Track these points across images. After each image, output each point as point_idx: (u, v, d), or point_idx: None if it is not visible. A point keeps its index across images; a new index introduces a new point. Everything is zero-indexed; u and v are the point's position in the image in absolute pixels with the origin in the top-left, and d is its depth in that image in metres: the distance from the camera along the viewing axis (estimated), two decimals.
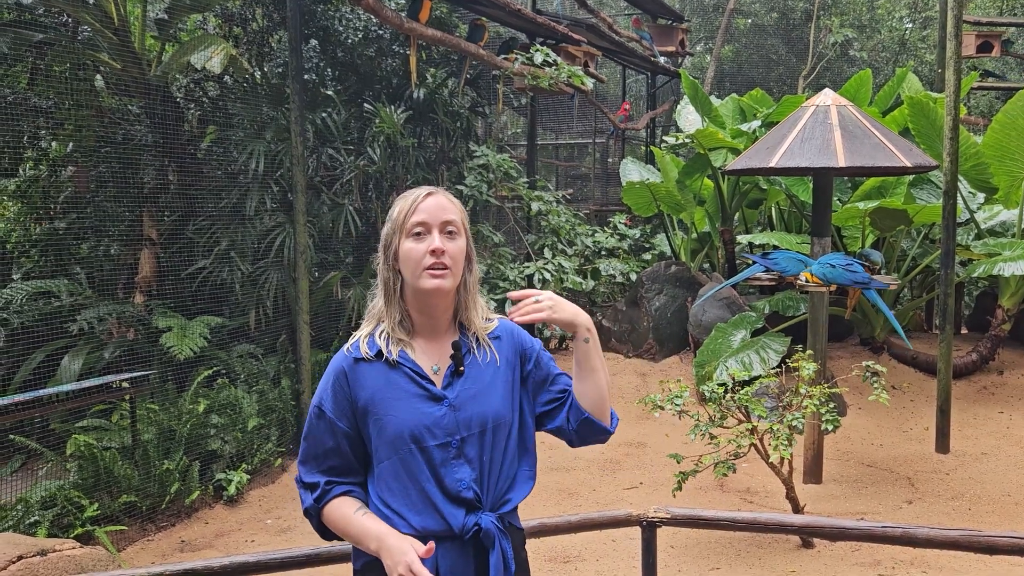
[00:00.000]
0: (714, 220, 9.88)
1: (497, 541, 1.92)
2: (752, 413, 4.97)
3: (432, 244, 1.91)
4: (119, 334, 6.60)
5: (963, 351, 8.12)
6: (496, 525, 1.93)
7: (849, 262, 5.76)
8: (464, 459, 1.93)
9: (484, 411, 1.96)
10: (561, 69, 8.62)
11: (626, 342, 9.13)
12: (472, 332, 2.02)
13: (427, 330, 2.00)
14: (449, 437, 1.92)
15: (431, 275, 1.91)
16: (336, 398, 1.95)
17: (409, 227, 1.93)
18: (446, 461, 1.92)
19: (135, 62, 6.85)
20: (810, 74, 17.77)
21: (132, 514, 5.62)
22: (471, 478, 1.93)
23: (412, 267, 1.92)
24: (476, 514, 1.93)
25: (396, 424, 1.90)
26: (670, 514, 3.04)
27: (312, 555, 2.80)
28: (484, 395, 1.97)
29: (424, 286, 1.92)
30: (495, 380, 2.00)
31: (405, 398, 1.92)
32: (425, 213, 1.93)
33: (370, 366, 1.95)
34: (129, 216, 7.04)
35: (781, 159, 5.63)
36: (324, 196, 7.88)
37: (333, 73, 8.77)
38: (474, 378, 1.98)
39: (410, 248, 1.92)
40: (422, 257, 1.91)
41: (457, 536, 1.91)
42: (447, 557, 1.90)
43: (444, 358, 1.99)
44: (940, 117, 7.34)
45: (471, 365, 1.99)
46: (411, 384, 1.93)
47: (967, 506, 5.79)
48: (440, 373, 1.97)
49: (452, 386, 1.96)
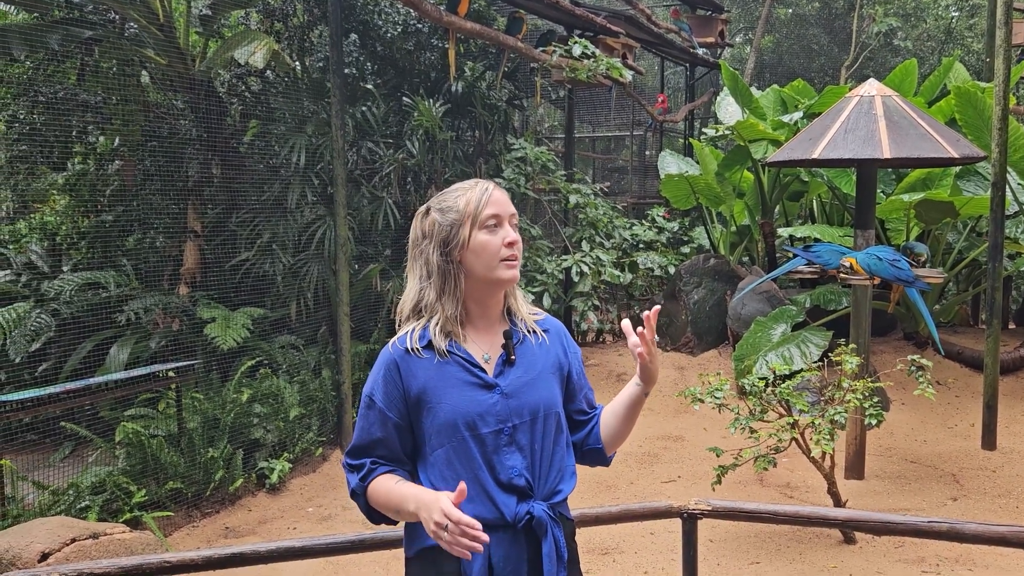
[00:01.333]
0: (754, 213, 9.78)
1: (549, 530, 1.93)
2: (793, 407, 4.93)
3: (508, 236, 1.96)
4: (164, 324, 6.74)
5: (1010, 346, 7.95)
6: (548, 513, 1.95)
7: (896, 257, 5.66)
8: (516, 446, 1.95)
9: (535, 399, 1.98)
10: (599, 61, 8.58)
11: (664, 336, 9.09)
12: (520, 320, 2.05)
13: (480, 320, 2.02)
14: (501, 424, 1.94)
15: (508, 266, 1.96)
16: (387, 389, 1.96)
17: (484, 219, 1.95)
18: (498, 448, 1.93)
19: (180, 58, 6.98)
20: (853, 64, 17.46)
21: (178, 500, 5.75)
22: (523, 466, 1.95)
23: (488, 259, 1.95)
24: (528, 503, 1.94)
25: (449, 411, 1.92)
26: (711, 506, 3.03)
27: (356, 541, 2.84)
28: (535, 383, 2.00)
29: (502, 277, 1.96)
30: (545, 369, 2.03)
31: (457, 386, 1.93)
32: (497, 206, 1.97)
33: (421, 357, 1.96)
34: (174, 209, 7.18)
35: (824, 150, 5.56)
36: (364, 189, 7.95)
37: (372, 67, 8.84)
38: (526, 366, 2.00)
39: (487, 240, 1.95)
40: (499, 249, 1.95)
41: (510, 525, 1.92)
42: (500, 546, 1.91)
43: (495, 347, 2.01)
44: (989, 107, 7.18)
45: (522, 354, 2.01)
46: (463, 372, 1.95)
47: (1014, 504, 5.68)
48: (491, 361, 1.99)
49: (504, 374, 1.98)
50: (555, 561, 1.93)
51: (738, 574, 4.76)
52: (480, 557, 1.85)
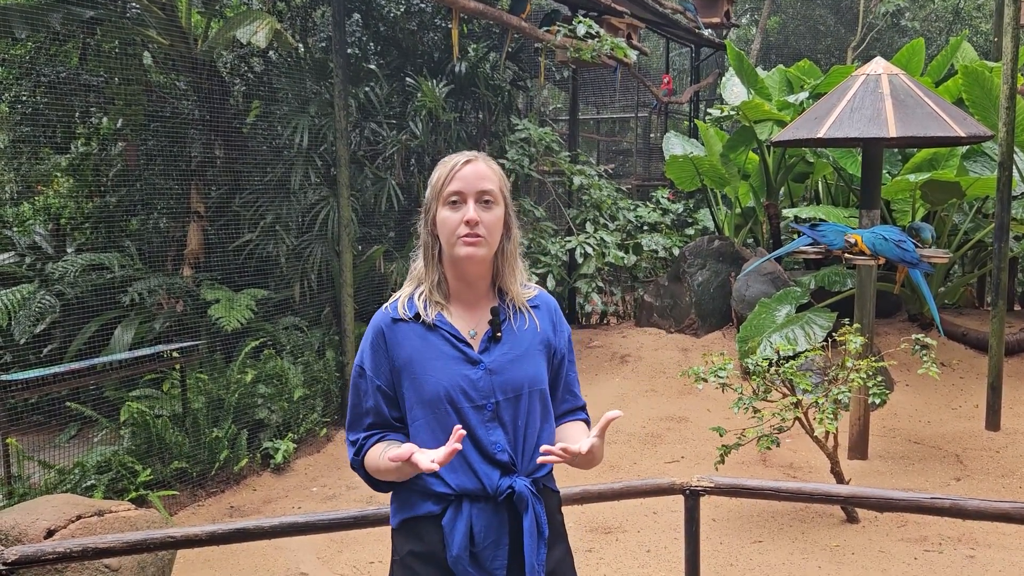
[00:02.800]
0: (759, 194, 9.74)
1: (530, 504, 1.94)
2: (797, 387, 4.92)
3: (467, 214, 1.93)
4: (168, 306, 6.76)
5: (1015, 328, 7.93)
6: (529, 488, 1.96)
7: (902, 238, 5.63)
8: (499, 422, 1.96)
9: (520, 377, 1.98)
10: (604, 41, 8.52)
11: (668, 317, 9.08)
12: (510, 299, 2.05)
13: (464, 295, 2.03)
14: (485, 400, 1.95)
15: (465, 243, 1.93)
16: (375, 357, 1.99)
17: (445, 195, 1.95)
18: (481, 423, 1.94)
19: (182, 38, 6.95)
20: (859, 45, 17.33)
21: (183, 480, 5.78)
22: (505, 441, 1.96)
23: (447, 235, 1.95)
24: (511, 477, 1.95)
25: (433, 384, 1.94)
26: (713, 483, 3.03)
27: (359, 517, 2.85)
28: (520, 361, 2.00)
29: (458, 254, 1.95)
30: (532, 347, 2.03)
31: (442, 359, 1.95)
32: (461, 182, 1.94)
33: (408, 326, 1.98)
34: (177, 190, 7.17)
35: (830, 129, 5.52)
36: (367, 170, 7.93)
37: (375, 47, 8.79)
38: (511, 344, 2.00)
39: (446, 217, 1.95)
40: (457, 226, 1.93)
41: (491, 497, 1.94)
42: (481, 517, 1.93)
43: (482, 323, 2.01)
44: (996, 87, 7.12)
45: (508, 331, 2.01)
46: (448, 347, 1.97)
47: (1018, 484, 5.69)
48: (477, 337, 2.00)
49: (489, 351, 1.99)
50: (535, 536, 1.94)
51: (740, 552, 4.77)
52: (462, 526, 1.89)
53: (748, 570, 4.55)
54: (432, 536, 1.93)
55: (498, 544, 1.93)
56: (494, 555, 1.92)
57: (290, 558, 4.87)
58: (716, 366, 4.91)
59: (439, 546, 1.92)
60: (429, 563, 1.93)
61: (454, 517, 1.91)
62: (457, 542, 1.90)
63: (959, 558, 4.61)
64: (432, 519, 1.94)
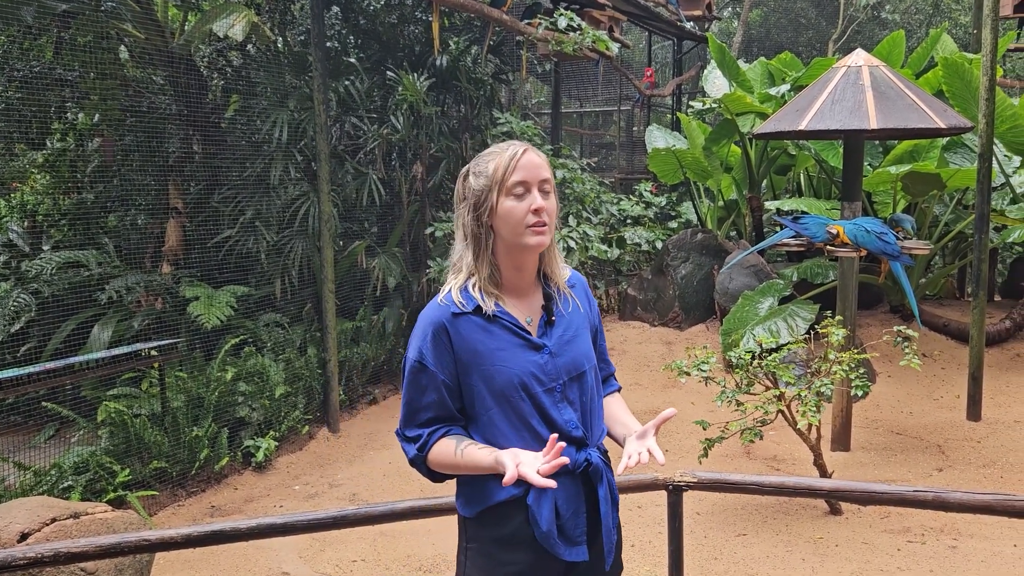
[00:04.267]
0: (741, 187, 9.74)
1: (604, 474, 2.06)
2: (780, 380, 4.92)
3: (534, 203, 1.96)
4: (147, 303, 6.67)
5: (996, 318, 7.98)
6: (602, 460, 2.07)
7: (884, 231, 5.63)
8: (567, 401, 2.03)
9: (578, 356, 2.07)
10: (586, 34, 8.48)
11: (652, 311, 9.07)
12: (554, 283, 2.11)
13: (516, 283, 2.06)
14: (553, 383, 2.01)
15: (535, 232, 1.97)
16: (437, 351, 1.98)
17: (510, 185, 1.97)
18: (553, 405, 2.01)
19: (158, 32, 6.84)
20: (840, 38, 17.40)
21: (163, 480, 5.71)
22: (576, 418, 2.04)
23: (514, 225, 1.97)
24: (585, 451, 2.05)
25: (505, 374, 1.97)
26: (696, 478, 3.01)
27: (339, 517, 2.81)
28: (575, 341, 2.08)
29: (529, 243, 1.98)
30: (580, 327, 2.12)
31: (509, 349, 1.99)
32: (525, 171, 1.97)
33: (469, 319, 1.99)
34: (155, 186, 7.08)
35: (811, 121, 5.52)
36: (348, 165, 7.86)
37: (355, 41, 8.71)
38: (565, 326, 2.08)
39: (512, 207, 1.97)
40: (524, 216, 1.96)
41: (571, 472, 2.01)
42: (563, 491, 2.00)
43: (535, 309, 2.07)
44: (975, 78, 7.15)
45: (559, 315, 2.09)
46: (512, 336, 2.00)
47: (999, 474, 5.72)
48: (533, 323, 2.05)
49: (548, 335, 2.05)
50: (609, 502, 2.07)
51: (724, 546, 4.77)
52: (548, 502, 1.96)
53: (732, 564, 4.55)
54: (516, 518, 1.99)
55: (578, 513, 2.02)
56: (575, 524, 2.01)
57: (272, 557, 4.82)
58: (699, 360, 4.90)
59: (524, 526, 1.98)
60: (512, 545, 1.99)
61: (539, 496, 1.96)
62: (545, 518, 1.96)
63: (942, 549, 4.62)
64: (516, 502, 1.98)
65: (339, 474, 6.27)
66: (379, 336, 7.91)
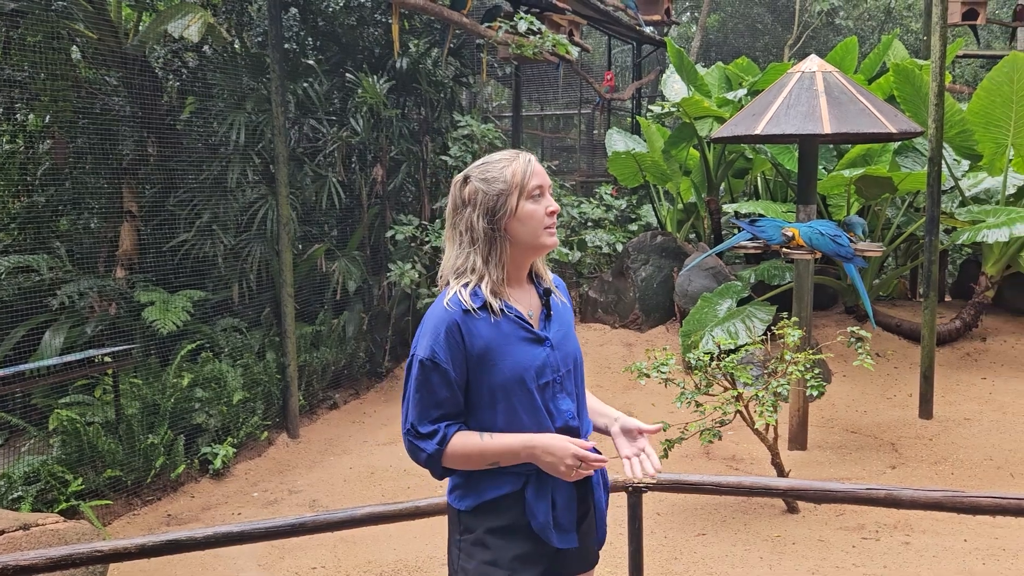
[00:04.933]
0: (700, 190, 9.85)
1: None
2: (738, 380, 4.99)
3: (551, 205, 2.10)
4: (101, 309, 6.53)
5: (947, 318, 8.17)
6: (594, 448, 2.11)
7: (838, 233, 5.74)
8: (565, 392, 2.13)
9: (573, 348, 2.19)
10: (546, 38, 8.51)
11: (612, 313, 9.13)
12: (544, 282, 2.22)
13: (516, 282, 2.17)
14: (555, 374, 2.11)
15: (551, 233, 2.10)
16: (450, 349, 2.03)
17: (530, 189, 2.08)
18: (554, 396, 2.11)
19: (112, 32, 6.72)
20: (796, 43, 17.69)
21: (117, 488, 5.60)
22: (573, 409, 2.15)
23: (534, 226, 2.08)
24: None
25: (513, 366, 2.04)
26: (656, 479, 3.03)
27: (297, 524, 2.78)
28: (569, 335, 2.21)
29: (547, 243, 2.10)
30: (570, 322, 2.25)
31: (517, 343, 2.07)
32: (540, 176, 2.10)
33: (479, 318, 2.05)
34: (108, 189, 6.94)
35: (767, 126, 5.60)
36: (307, 168, 7.79)
37: (314, 43, 8.64)
38: (559, 321, 2.19)
39: (533, 209, 2.07)
40: (543, 217, 2.08)
41: None
42: (560, 482, 2.09)
43: (533, 305, 2.17)
44: (926, 84, 7.32)
45: (555, 309, 2.20)
46: (519, 329, 2.09)
47: (950, 470, 5.85)
48: (534, 318, 2.15)
49: (547, 328, 2.15)
50: (602, 488, 2.20)
51: (684, 546, 4.82)
52: (546, 496, 2.06)
53: (692, 563, 4.59)
54: (514, 510, 2.07)
55: (571, 501, 2.11)
56: (569, 512, 2.11)
57: (230, 566, 4.76)
58: (658, 361, 4.95)
59: (521, 517, 2.06)
60: (508, 536, 2.06)
61: (537, 488, 2.06)
62: (542, 510, 2.05)
63: (895, 544, 4.72)
64: (513, 495, 2.07)
65: (299, 480, 6.21)
66: (339, 340, 7.84)
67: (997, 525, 4.86)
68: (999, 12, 16.93)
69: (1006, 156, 7.82)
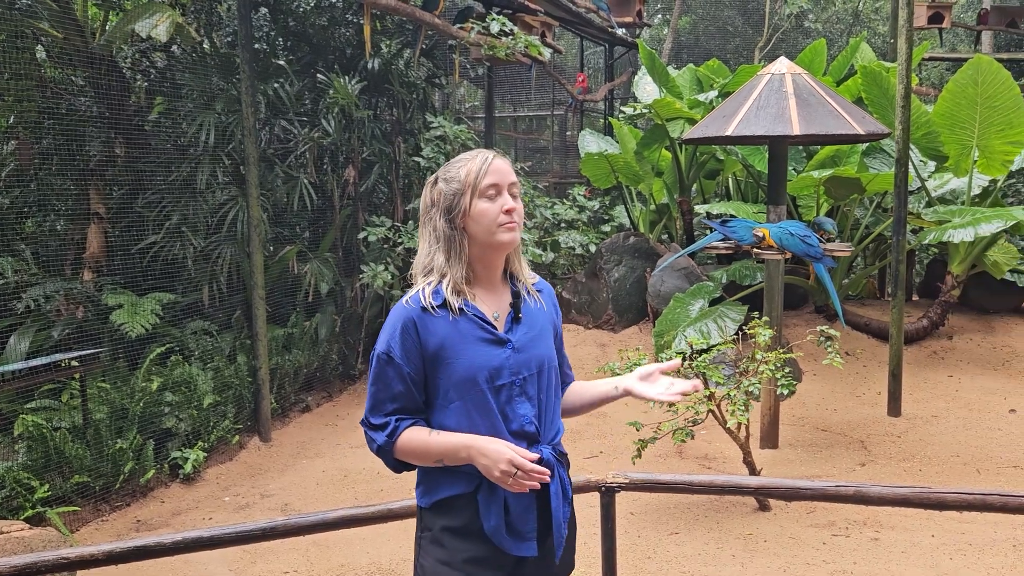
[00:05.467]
0: (672, 191, 9.91)
1: (556, 470, 2.13)
2: (710, 380, 5.02)
3: (506, 204, 2.09)
4: (68, 312, 6.42)
5: (914, 317, 8.29)
6: (553, 455, 2.14)
7: (807, 234, 5.81)
8: (525, 397, 2.12)
9: (540, 353, 2.16)
10: (518, 39, 8.52)
11: (586, 313, 9.16)
12: (521, 283, 2.22)
13: (485, 281, 2.16)
14: (514, 377, 2.10)
15: (507, 230, 2.09)
16: (405, 345, 2.07)
17: (483, 188, 2.08)
18: (511, 399, 2.10)
19: (78, 31, 6.62)
20: (766, 45, 17.87)
21: (85, 494, 5.52)
22: (532, 414, 2.12)
23: (488, 224, 2.08)
24: (537, 446, 2.12)
25: (467, 366, 2.05)
26: (628, 479, 3.05)
27: (268, 529, 2.75)
28: (539, 339, 2.18)
29: (502, 240, 2.09)
30: (544, 327, 2.22)
31: (473, 342, 2.07)
32: (497, 175, 2.10)
33: (436, 315, 2.07)
34: (75, 191, 6.83)
35: (737, 127, 5.65)
36: (278, 169, 7.72)
37: (284, 43, 8.57)
38: (529, 324, 2.17)
39: (485, 208, 2.08)
40: (497, 215, 2.08)
41: None
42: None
43: (502, 306, 2.16)
44: (892, 86, 7.42)
45: (526, 312, 2.18)
46: (478, 329, 2.09)
47: (918, 467, 5.94)
48: (500, 319, 2.14)
49: (513, 331, 2.14)
50: (560, 497, 2.14)
51: (658, 545, 4.84)
52: (497, 500, 2.05)
53: (665, 562, 4.62)
54: (467, 511, 2.07)
55: (528, 509, 2.09)
56: (525, 519, 2.09)
57: (200, 571, 4.70)
58: (632, 361, 4.96)
59: (474, 519, 2.07)
60: (463, 536, 2.07)
61: (489, 492, 2.06)
62: (494, 513, 2.05)
63: (865, 541, 4.78)
64: (466, 496, 2.08)
65: (271, 484, 6.15)
66: (311, 342, 7.79)
67: (964, 520, 4.94)
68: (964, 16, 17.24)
69: (971, 157, 7.96)
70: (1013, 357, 7.88)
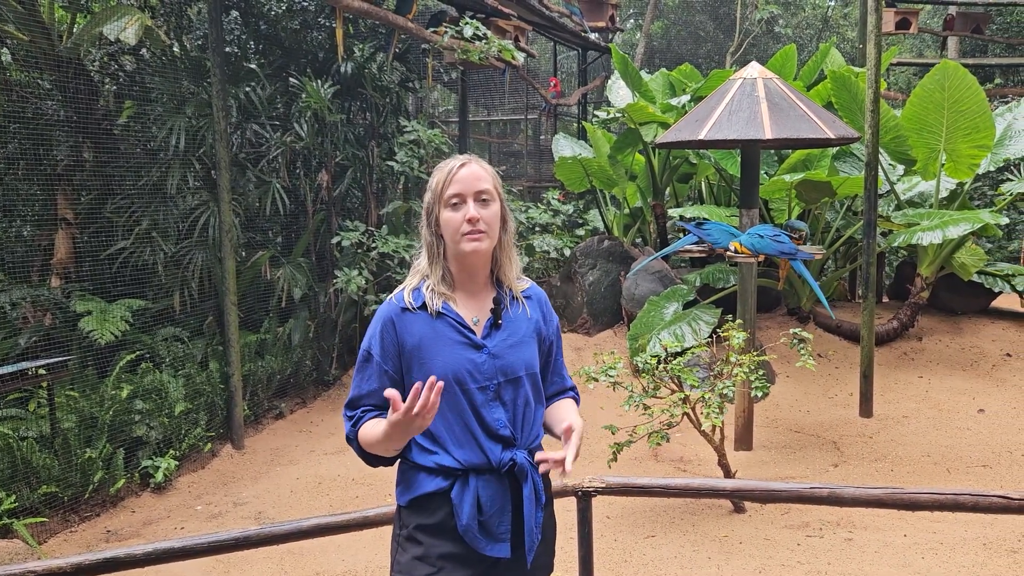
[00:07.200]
0: (646, 195, 9.96)
1: (529, 474, 2.14)
2: (684, 383, 5.04)
3: (468, 213, 2.09)
4: (35, 319, 6.31)
5: (884, 319, 8.39)
6: (528, 460, 2.15)
7: (777, 233, 5.87)
8: (500, 402, 2.14)
9: (518, 361, 2.17)
10: (491, 43, 8.52)
11: (561, 317, 9.16)
12: (507, 287, 2.22)
13: (467, 285, 2.19)
14: (488, 381, 2.12)
15: (469, 239, 2.09)
16: (384, 343, 2.13)
17: (447, 198, 2.11)
18: (485, 403, 2.12)
19: (44, 34, 6.51)
20: (737, 50, 18.04)
21: (53, 505, 5.42)
22: (507, 419, 2.14)
23: (451, 233, 2.11)
24: (511, 450, 2.14)
25: (441, 367, 2.08)
26: (604, 483, 3.05)
27: (241, 538, 2.72)
28: (519, 347, 2.18)
29: (465, 249, 2.10)
30: (527, 334, 2.22)
31: (449, 345, 2.11)
32: (460, 184, 2.10)
33: (416, 315, 2.13)
34: (42, 196, 6.72)
35: (710, 131, 5.68)
36: (250, 173, 7.65)
37: (256, 46, 8.50)
38: (511, 331, 2.18)
39: (449, 217, 2.11)
40: (460, 225, 2.09)
41: (495, 469, 2.12)
42: (487, 488, 2.11)
43: (484, 311, 2.18)
44: (862, 91, 7.52)
45: (507, 319, 2.19)
46: (455, 332, 2.12)
47: (889, 467, 6.00)
48: (480, 324, 2.17)
49: (491, 336, 2.16)
50: (534, 501, 2.15)
51: (634, 548, 4.84)
52: (470, 498, 2.07)
53: (641, 565, 4.62)
54: (441, 509, 2.10)
55: (503, 511, 2.12)
56: (499, 521, 2.11)
57: None
58: (606, 365, 4.97)
59: (448, 518, 2.09)
60: (437, 534, 2.10)
61: (462, 490, 2.08)
62: (466, 512, 2.07)
63: (838, 541, 4.82)
64: (441, 494, 2.10)
65: (244, 492, 6.08)
66: (285, 348, 7.72)
67: (935, 520, 5.00)
68: (930, 21, 17.52)
69: (939, 161, 8.08)
70: (981, 358, 8.01)
